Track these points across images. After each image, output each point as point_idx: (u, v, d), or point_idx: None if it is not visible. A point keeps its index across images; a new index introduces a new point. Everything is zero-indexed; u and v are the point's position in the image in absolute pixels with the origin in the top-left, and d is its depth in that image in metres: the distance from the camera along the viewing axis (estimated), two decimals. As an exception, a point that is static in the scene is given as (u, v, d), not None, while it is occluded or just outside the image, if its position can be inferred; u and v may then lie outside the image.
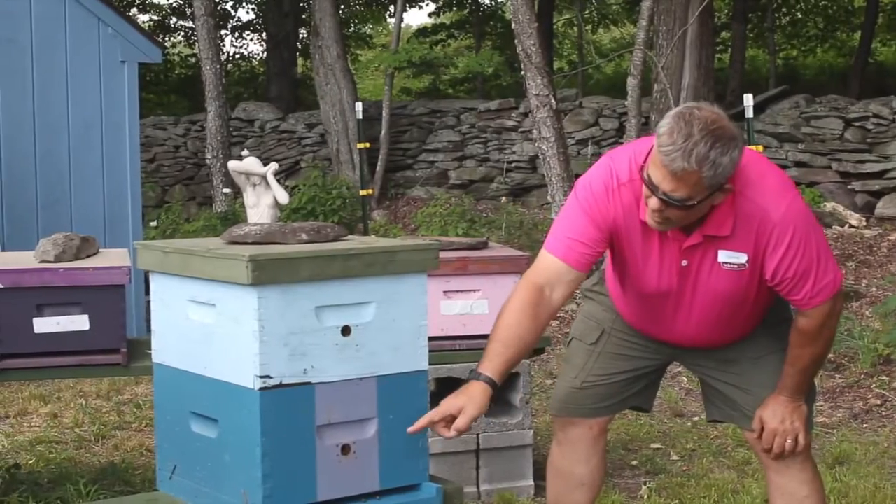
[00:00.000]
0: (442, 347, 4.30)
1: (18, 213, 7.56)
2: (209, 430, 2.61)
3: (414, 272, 2.69)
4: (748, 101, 7.67)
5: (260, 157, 11.87)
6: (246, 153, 5.86)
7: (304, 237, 2.71)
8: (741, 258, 2.92)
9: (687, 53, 11.14)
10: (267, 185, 5.13)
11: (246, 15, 34.19)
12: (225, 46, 22.36)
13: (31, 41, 7.61)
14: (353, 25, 22.65)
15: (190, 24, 20.88)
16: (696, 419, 5.91)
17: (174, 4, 22.48)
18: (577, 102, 13.55)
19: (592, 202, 2.96)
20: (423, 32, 21.24)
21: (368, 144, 11.63)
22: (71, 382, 6.60)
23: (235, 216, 12.24)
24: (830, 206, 10.98)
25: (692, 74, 11.18)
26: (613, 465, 5.05)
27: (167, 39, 22.46)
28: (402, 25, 15.85)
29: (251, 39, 23.93)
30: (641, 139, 3.06)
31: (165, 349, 2.75)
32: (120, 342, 3.86)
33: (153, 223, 13.09)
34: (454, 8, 21.33)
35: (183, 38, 22.85)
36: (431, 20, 21.86)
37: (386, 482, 2.66)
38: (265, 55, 20.93)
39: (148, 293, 3.01)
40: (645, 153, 2.87)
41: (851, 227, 10.63)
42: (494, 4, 21.16)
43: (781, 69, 19.28)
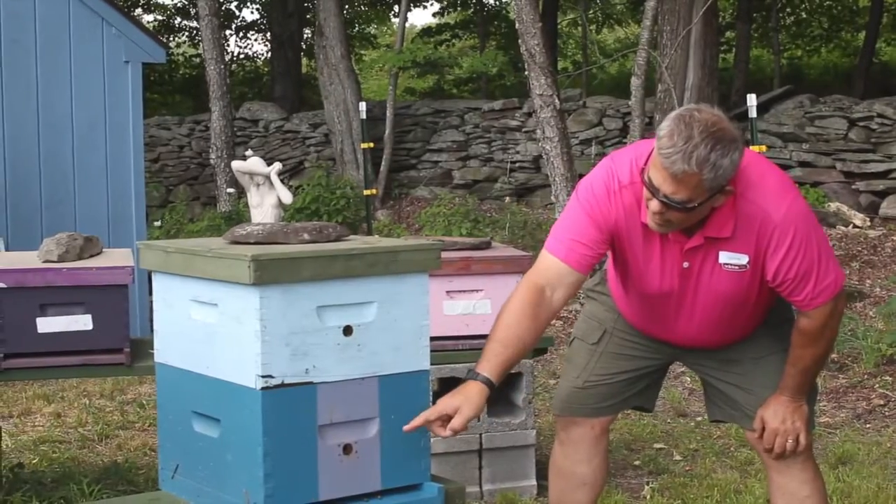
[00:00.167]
0: (444, 347, 4.30)
1: (22, 212, 7.57)
2: (211, 429, 2.62)
3: (416, 272, 2.69)
4: (751, 100, 7.66)
5: (264, 157, 11.91)
6: (250, 153, 5.87)
7: (306, 237, 2.72)
8: (742, 259, 2.92)
9: (691, 53, 11.13)
10: (270, 185, 5.16)
11: (250, 15, 34.18)
12: (229, 46, 22.41)
13: (35, 41, 7.63)
14: (357, 25, 22.67)
15: (194, 24, 20.90)
16: (699, 419, 5.90)
17: (179, 4, 22.52)
18: (580, 102, 13.54)
19: (594, 203, 2.96)
20: (427, 32, 21.25)
21: (372, 144, 11.64)
22: (75, 382, 6.61)
23: (239, 216, 12.26)
24: (834, 206, 10.97)
25: (696, 74, 11.17)
26: (616, 464, 5.05)
27: (172, 39, 22.49)
28: (406, 25, 15.86)
29: (255, 39, 23.95)
30: (643, 141, 3.06)
31: (168, 349, 2.76)
32: (123, 342, 3.87)
33: (157, 223, 13.10)
34: (458, 8, 21.34)
35: (187, 38, 22.88)
36: (436, 20, 21.88)
37: (387, 482, 2.66)
38: (269, 55, 20.95)
39: (151, 293, 3.01)
40: (646, 155, 2.88)
41: (855, 227, 10.63)
42: (499, 4, 21.16)
43: (786, 69, 19.27)
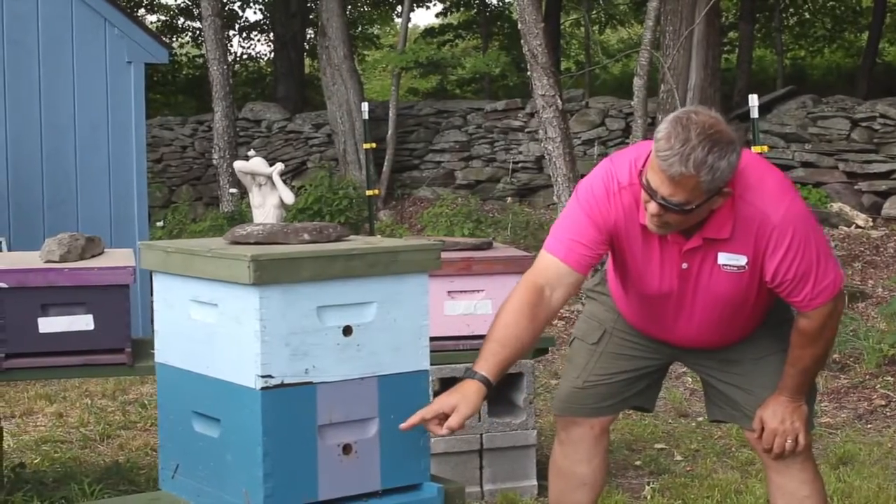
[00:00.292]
0: (445, 348, 4.31)
1: (25, 212, 7.58)
2: (211, 429, 2.63)
3: (415, 272, 2.70)
4: (753, 101, 7.67)
5: (267, 157, 11.91)
6: (252, 153, 5.88)
7: (306, 237, 2.72)
8: (741, 260, 2.93)
9: (693, 54, 11.13)
10: (272, 185, 5.16)
11: (253, 15, 34.16)
12: (232, 47, 22.44)
13: (37, 42, 7.63)
14: (360, 26, 22.67)
15: (198, 24, 20.92)
16: (700, 419, 5.91)
17: (182, 5, 22.53)
18: (583, 103, 13.54)
19: (593, 204, 2.97)
20: (430, 33, 21.26)
21: (374, 145, 11.64)
22: (77, 382, 6.62)
23: (242, 216, 12.27)
24: (837, 206, 10.97)
25: (699, 75, 11.17)
26: (617, 465, 5.06)
27: (175, 40, 22.51)
28: (409, 26, 15.87)
29: (258, 40, 23.95)
30: (643, 142, 3.07)
31: (168, 349, 2.77)
32: (124, 342, 3.88)
33: (160, 223, 13.12)
34: (461, 8, 21.34)
35: (191, 38, 22.90)
36: (439, 20, 21.88)
37: (387, 482, 2.67)
38: (272, 55, 20.97)
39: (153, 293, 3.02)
40: (645, 157, 2.88)
41: (858, 227, 10.63)
42: (502, 5, 21.16)
43: (789, 69, 19.27)
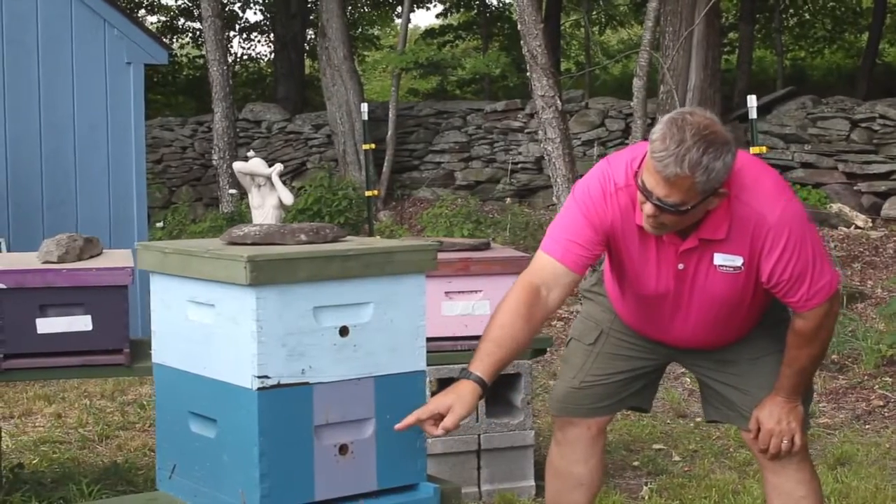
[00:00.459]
0: (443, 348, 4.31)
1: (24, 213, 7.58)
2: (208, 429, 2.63)
3: (412, 273, 2.70)
4: (751, 101, 7.68)
5: (266, 158, 11.90)
6: (252, 154, 5.88)
7: (302, 238, 2.73)
8: (737, 261, 2.93)
9: (693, 54, 11.14)
10: (272, 186, 5.16)
11: (254, 16, 34.23)
12: (232, 48, 22.44)
13: (37, 42, 7.64)
14: (360, 26, 22.68)
15: (198, 25, 20.93)
16: (698, 420, 5.91)
17: (182, 6, 22.54)
18: (583, 103, 13.54)
19: (590, 204, 2.97)
20: (430, 33, 21.26)
21: (374, 145, 11.65)
22: (76, 383, 6.62)
23: (242, 217, 12.28)
24: (836, 207, 10.97)
25: (698, 75, 11.18)
26: (615, 465, 5.06)
27: (175, 40, 22.51)
28: (409, 26, 15.88)
29: (259, 41, 23.97)
30: (639, 143, 3.07)
31: (165, 349, 2.77)
32: (123, 342, 3.88)
33: (159, 224, 13.12)
34: (462, 9, 21.35)
35: (191, 39, 22.91)
36: (439, 21, 21.89)
37: (383, 482, 2.67)
38: (273, 56, 20.98)
39: (151, 293, 3.02)
40: (641, 158, 2.89)
41: (857, 228, 10.63)
42: (502, 5, 21.17)
43: (789, 70, 19.26)
